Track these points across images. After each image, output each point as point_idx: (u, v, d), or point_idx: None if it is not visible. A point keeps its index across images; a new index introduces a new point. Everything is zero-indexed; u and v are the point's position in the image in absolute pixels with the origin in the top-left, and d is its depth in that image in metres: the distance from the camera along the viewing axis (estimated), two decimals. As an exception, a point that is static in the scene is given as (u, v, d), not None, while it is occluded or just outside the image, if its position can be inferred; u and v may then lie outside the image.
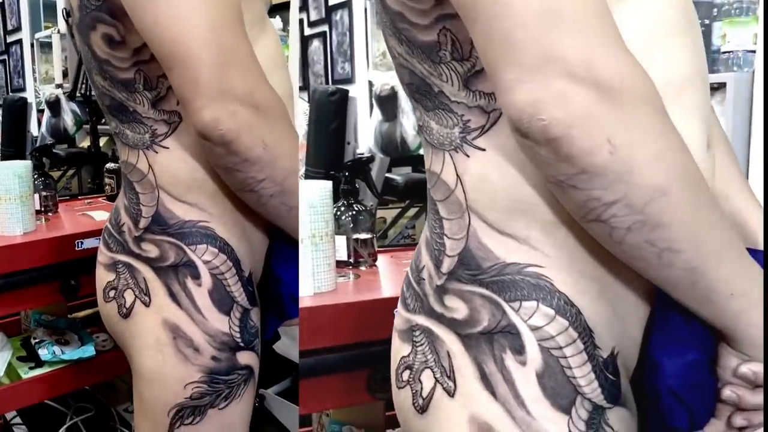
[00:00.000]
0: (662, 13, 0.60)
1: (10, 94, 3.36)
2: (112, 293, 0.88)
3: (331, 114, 1.90)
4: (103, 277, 0.90)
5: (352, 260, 1.43)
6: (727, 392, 0.60)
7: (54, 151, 2.80)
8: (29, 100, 3.00)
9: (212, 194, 0.84)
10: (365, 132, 2.16)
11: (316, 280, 1.21)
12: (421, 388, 0.62)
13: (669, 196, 0.50)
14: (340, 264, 1.37)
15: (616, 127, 0.48)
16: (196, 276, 0.84)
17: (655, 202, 0.50)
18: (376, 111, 2.05)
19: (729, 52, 1.60)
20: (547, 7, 0.47)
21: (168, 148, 0.84)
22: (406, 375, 0.64)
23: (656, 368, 0.59)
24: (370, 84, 2.48)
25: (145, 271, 0.85)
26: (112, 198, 2.32)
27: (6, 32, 3.55)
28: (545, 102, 0.47)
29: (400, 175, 2.13)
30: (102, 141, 3.13)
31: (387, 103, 1.99)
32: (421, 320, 0.63)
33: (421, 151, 2.23)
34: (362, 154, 2.07)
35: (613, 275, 0.59)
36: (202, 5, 0.71)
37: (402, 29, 0.60)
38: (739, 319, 0.57)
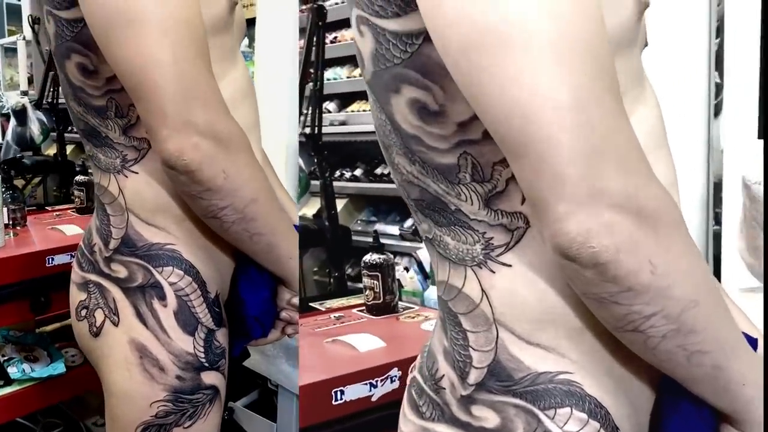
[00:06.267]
0: (651, 127, 0.64)
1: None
2: (83, 312, 0.90)
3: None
4: (75, 296, 0.91)
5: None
6: None
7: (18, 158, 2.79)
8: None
9: (178, 218, 0.87)
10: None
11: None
12: None
13: (699, 304, 0.55)
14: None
15: (656, 249, 0.53)
16: (162, 297, 0.86)
17: (688, 311, 0.55)
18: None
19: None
20: (593, 145, 0.51)
21: (137, 173, 0.87)
22: None
23: None
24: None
25: (115, 292, 0.87)
26: (81, 210, 2.28)
27: (-30, 38, 3.49)
28: (595, 231, 0.51)
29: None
30: (68, 149, 3.08)
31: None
32: (442, 428, 0.64)
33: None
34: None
35: (627, 368, 0.62)
36: (167, 41, 0.74)
37: (417, 151, 0.61)
38: (750, 405, 0.60)
